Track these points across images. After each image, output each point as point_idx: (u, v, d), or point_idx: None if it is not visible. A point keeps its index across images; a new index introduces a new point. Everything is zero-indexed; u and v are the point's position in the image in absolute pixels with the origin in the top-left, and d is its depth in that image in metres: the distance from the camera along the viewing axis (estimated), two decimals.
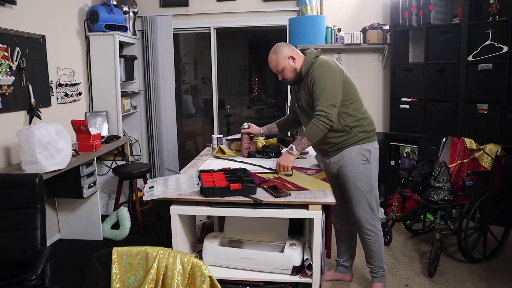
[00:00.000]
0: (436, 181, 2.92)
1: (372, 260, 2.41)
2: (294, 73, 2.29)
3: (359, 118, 2.26)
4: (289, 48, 2.29)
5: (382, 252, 2.40)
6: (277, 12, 4.21)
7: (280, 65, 2.27)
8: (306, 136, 2.17)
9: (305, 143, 2.19)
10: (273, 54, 2.29)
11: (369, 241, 2.36)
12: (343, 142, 2.26)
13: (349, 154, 2.27)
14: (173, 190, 1.96)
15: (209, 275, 1.32)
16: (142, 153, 4.54)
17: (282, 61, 2.26)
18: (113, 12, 3.74)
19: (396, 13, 3.87)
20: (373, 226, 2.33)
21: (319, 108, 2.14)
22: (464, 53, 3.39)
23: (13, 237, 1.95)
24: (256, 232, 2.12)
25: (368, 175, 2.27)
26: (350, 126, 2.24)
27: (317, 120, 2.13)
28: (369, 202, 2.29)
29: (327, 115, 2.11)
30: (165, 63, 4.30)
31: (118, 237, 3.42)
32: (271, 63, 2.30)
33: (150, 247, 1.39)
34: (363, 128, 2.27)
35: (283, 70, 2.29)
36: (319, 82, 2.16)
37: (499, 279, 2.66)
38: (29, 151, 2.53)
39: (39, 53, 3.11)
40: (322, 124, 2.12)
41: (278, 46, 2.31)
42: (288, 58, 2.26)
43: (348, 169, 2.27)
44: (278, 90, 6.15)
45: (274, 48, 2.30)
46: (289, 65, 2.27)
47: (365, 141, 2.27)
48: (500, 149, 2.94)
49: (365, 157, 2.26)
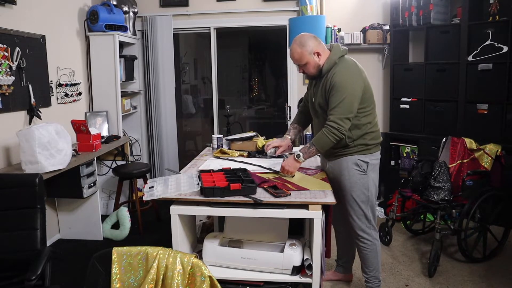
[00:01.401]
0: (436, 181, 2.92)
1: (367, 269, 2.34)
2: (316, 69, 2.15)
3: (366, 132, 2.18)
4: (315, 42, 2.12)
5: (378, 262, 2.32)
6: (277, 12, 4.21)
7: (304, 60, 2.12)
8: (315, 145, 2.11)
9: (313, 152, 2.13)
10: (297, 47, 2.12)
11: (364, 249, 2.29)
12: (341, 150, 2.20)
13: (346, 163, 2.20)
14: (173, 190, 1.97)
15: (209, 275, 1.32)
16: (142, 153, 4.54)
17: (307, 55, 2.10)
18: (113, 12, 3.74)
19: (396, 13, 3.87)
20: (369, 235, 2.26)
21: (333, 119, 2.05)
22: (464, 53, 3.39)
23: (13, 237, 1.95)
24: (256, 232, 2.12)
25: (364, 186, 2.20)
26: (353, 139, 2.16)
27: (328, 131, 2.05)
28: (365, 213, 2.23)
29: (339, 128, 2.03)
30: (165, 63, 4.29)
31: (118, 237, 3.42)
32: (294, 55, 2.14)
33: (150, 247, 1.39)
34: (365, 141, 2.19)
35: (306, 65, 2.14)
36: (339, 91, 2.05)
37: (499, 279, 2.66)
38: (29, 151, 2.53)
39: (39, 53, 3.11)
40: (333, 136, 2.05)
41: (304, 37, 2.13)
42: (314, 53, 2.11)
43: (344, 178, 2.22)
44: (278, 90, 6.15)
45: (300, 40, 2.12)
46: (313, 61, 2.12)
47: (363, 153, 2.19)
48: (500, 149, 2.95)
49: (362, 168, 2.19)
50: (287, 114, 4.42)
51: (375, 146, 2.24)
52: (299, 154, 2.13)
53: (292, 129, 2.54)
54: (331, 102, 2.07)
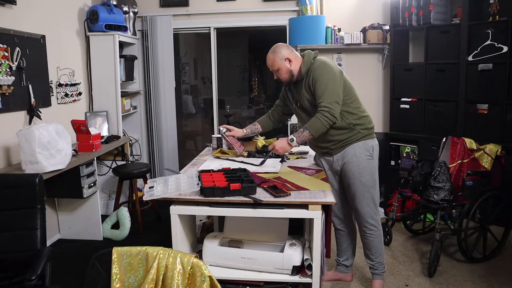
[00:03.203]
0: (436, 181, 2.93)
1: (373, 256, 2.44)
2: (288, 75, 2.34)
3: (360, 116, 2.32)
4: (287, 50, 2.33)
5: (382, 247, 2.45)
6: (277, 12, 4.21)
7: (276, 65, 2.32)
8: (308, 129, 2.20)
9: (306, 136, 2.22)
10: (270, 53, 2.34)
11: (371, 236, 2.39)
12: (347, 139, 2.31)
13: (353, 150, 2.30)
14: (173, 190, 1.97)
15: (209, 275, 1.33)
16: (142, 153, 4.54)
17: (278, 61, 2.31)
18: (113, 12, 3.74)
19: (396, 13, 3.87)
20: (376, 221, 2.37)
21: (323, 104, 2.17)
22: (464, 53, 3.39)
23: (13, 237, 1.94)
24: (256, 232, 2.12)
25: (372, 170, 2.33)
26: (353, 123, 2.29)
27: (321, 115, 2.16)
28: (373, 197, 2.35)
29: (330, 110, 2.14)
30: (165, 63, 4.30)
31: (118, 237, 3.42)
32: (268, 61, 2.36)
33: (150, 247, 1.39)
34: (365, 126, 2.33)
35: (278, 70, 2.34)
36: (321, 80, 2.20)
37: (499, 279, 2.66)
38: (29, 151, 2.53)
39: (39, 53, 3.11)
40: (326, 120, 2.15)
41: (277, 46, 2.36)
42: (285, 59, 2.30)
43: (353, 165, 2.31)
44: (278, 90, 6.14)
45: (273, 48, 2.35)
46: (284, 67, 2.31)
47: (368, 137, 2.33)
48: (500, 149, 2.94)
49: (369, 153, 2.31)
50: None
51: (373, 130, 2.40)
52: (292, 138, 2.25)
53: (252, 125, 2.75)
54: (317, 93, 2.21)
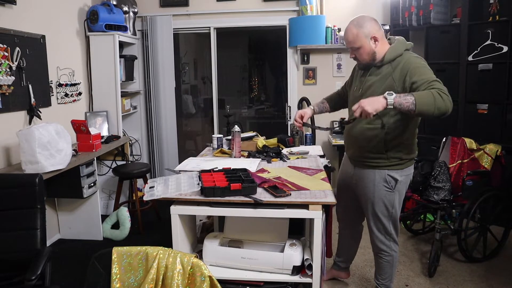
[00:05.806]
0: (436, 181, 2.92)
1: (380, 277, 2.27)
2: (370, 57, 1.93)
3: (403, 143, 1.98)
4: (376, 26, 1.90)
5: (393, 272, 2.23)
6: (277, 12, 4.21)
7: (358, 42, 1.90)
8: (414, 96, 1.67)
9: (408, 101, 1.66)
10: (353, 27, 1.90)
11: (381, 259, 2.21)
12: (371, 160, 2.02)
13: (373, 176, 2.03)
14: (173, 190, 1.97)
15: (209, 275, 1.32)
16: (142, 153, 4.54)
17: (363, 38, 1.89)
18: (113, 12, 3.74)
19: (396, 13, 3.87)
20: (388, 247, 2.16)
21: (436, 86, 1.70)
22: (464, 53, 3.40)
23: (13, 237, 1.94)
24: (256, 232, 2.12)
25: (390, 203, 2.05)
26: (388, 148, 1.96)
27: (437, 90, 1.68)
28: (385, 227, 2.11)
29: (445, 90, 1.69)
30: (165, 63, 4.30)
31: (118, 237, 3.42)
32: (348, 36, 1.92)
33: (150, 247, 1.39)
34: (399, 155, 1.99)
35: (359, 49, 1.92)
36: (419, 68, 1.82)
37: (499, 279, 2.66)
38: (29, 151, 2.53)
39: (39, 53, 3.11)
40: (440, 98, 1.65)
41: (362, 18, 1.91)
42: (371, 38, 1.89)
43: (368, 191, 2.07)
44: (278, 90, 6.15)
45: (358, 20, 1.91)
46: (368, 46, 1.90)
47: (394, 168, 2.00)
48: (500, 149, 2.95)
49: (390, 185, 2.02)
50: (287, 114, 4.43)
51: (409, 161, 2.04)
52: (391, 93, 1.70)
53: (320, 103, 2.40)
54: (419, 77, 1.78)
